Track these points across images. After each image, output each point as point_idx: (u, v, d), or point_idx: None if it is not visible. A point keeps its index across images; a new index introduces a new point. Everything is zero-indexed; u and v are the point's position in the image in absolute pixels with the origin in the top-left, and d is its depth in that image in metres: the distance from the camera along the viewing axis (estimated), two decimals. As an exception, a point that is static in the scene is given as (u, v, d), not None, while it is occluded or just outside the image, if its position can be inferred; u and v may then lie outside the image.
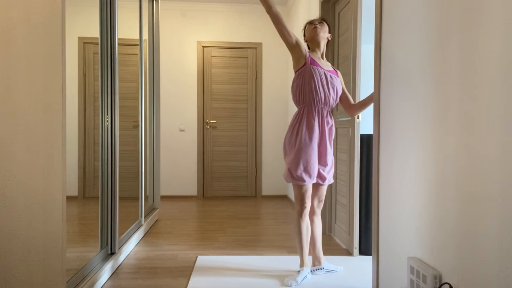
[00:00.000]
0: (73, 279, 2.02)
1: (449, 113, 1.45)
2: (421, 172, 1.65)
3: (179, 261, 2.76)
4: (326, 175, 2.42)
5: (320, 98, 2.32)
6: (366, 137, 2.85)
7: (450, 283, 1.44)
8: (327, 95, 2.34)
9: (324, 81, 2.33)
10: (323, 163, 2.39)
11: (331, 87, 2.35)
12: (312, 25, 2.43)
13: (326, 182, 2.43)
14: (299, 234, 2.39)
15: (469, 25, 1.34)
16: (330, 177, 2.46)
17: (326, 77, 2.34)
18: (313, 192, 2.46)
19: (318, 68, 2.33)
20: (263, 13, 5.29)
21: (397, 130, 1.88)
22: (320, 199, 2.48)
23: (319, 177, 2.40)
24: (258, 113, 5.44)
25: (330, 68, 2.43)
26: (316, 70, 2.32)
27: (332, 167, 2.45)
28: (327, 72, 2.36)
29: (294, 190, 2.40)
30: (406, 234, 1.79)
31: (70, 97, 2.10)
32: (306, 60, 2.33)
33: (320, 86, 2.32)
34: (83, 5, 2.43)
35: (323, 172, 2.40)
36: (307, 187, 2.35)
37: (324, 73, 2.34)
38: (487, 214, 1.25)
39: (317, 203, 2.48)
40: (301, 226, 2.38)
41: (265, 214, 4.39)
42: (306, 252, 2.41)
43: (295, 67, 2.38)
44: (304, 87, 2.33)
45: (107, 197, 2.59)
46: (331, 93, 2.35)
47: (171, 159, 5.33)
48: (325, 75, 2.34)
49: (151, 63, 3.95)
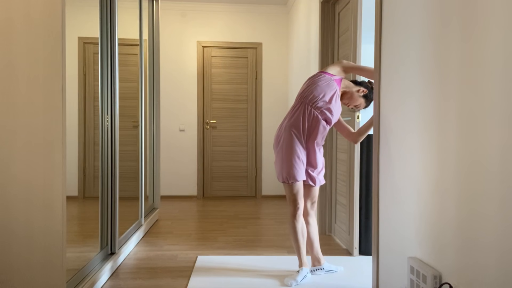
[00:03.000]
0: (73, 279, 2.02)
1: (449, 113, 1.45)
2: (421, 172, 1.65)
3: (179, 261, 2.76)
4: (316, 176, 2.42)
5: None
6: (366, 137, 2.85)
7: (450, 283, 1.44)
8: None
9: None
10: (313, 164, 2.40)
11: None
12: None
13: (317, 183, 2.43)
14: (294, 234, 2.39)
15: (469, 25, 1.34)
16: (321, 178, 2.46)
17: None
18: (305, 194, 2.46)
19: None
20: (263, 13, 5.29)
21: (397, 130, 1.88)
22: (312, 200, 2.49)
23: (309, 178, 2.41)
24: (258, 113, 5.44)
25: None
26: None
27: (323, 168, 2.46)
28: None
29: (285, 191, 2.40)
30: (406, 234, 1.79)
31: (70, 97, 2.10)
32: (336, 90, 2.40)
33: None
34: (83, 5, 2.43)
35: (312, 173, 2.40)
36: (298, 187, 2.35)
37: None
38: (487, 214, 1.25)
39: (310, 205, 2.48)
40: (296, 227, 2.38)
41: (265, 214, 4.39)
42: (303, 252, 2.42)
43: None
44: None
45: (107, 197, 2.59)
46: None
47: (171, 159, 5.33)
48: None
49: (151, 63, 3.95)
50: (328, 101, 2.30)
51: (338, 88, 2.37)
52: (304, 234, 2.41)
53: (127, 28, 3.14)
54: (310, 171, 2.39)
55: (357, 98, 2.46)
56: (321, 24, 3.47)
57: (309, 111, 2.30)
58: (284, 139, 2.33)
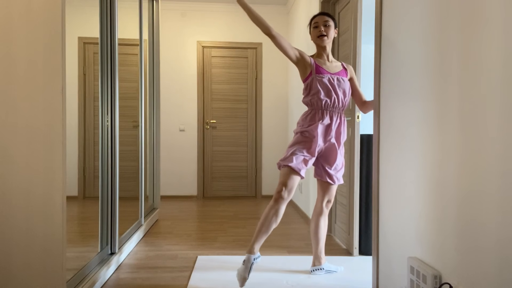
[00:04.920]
0: (73, 279, 2.02)
1: (449, 113, 1.45)
2: (421, 172, 1.65)
3: (179, 261, 2.76)
4: (334, 174, 2.41)
5: (329, 104, 2.33)
6: (366, 137, 2.85)
7: (450, 283, 1.44)
8: (335, 100, 2.33)
9: (331, 88, 2.32)
10: (331, 162, 2.40)
11: (339, 92, 2.34)
12: (317, 29, 2.36)
13: (336, 182, 2.43)
14: (262, 217, 2.26)
15: (468, 25, 1.34)
16: (340, 177, 2.45)
17: (333, 83, 2.33)
18: (322, 191, 2.47)
19: (324, 76, 2.32)
20: (263, 13, 5.28)
21: (397, 130, 1.88)
22: (328, 199, 2.47)
23: (327, 175, 2.41)
24: (258, 113, 5.44)
25: (338, 69, 2.41)
26: (323, 79, 2.31)
27: (342, 167, 2.45)
28: (333, 76, 2.35)
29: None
30: (406, 234, 1.79)
31: (70, 97, 2.10)
32: (312, 69, 2.34)
33: (327, 96, 2.32)
34: (83, 5, 2.43)
35: (329, 170, 2.40)
36: (285, 172, 2.27)
37: (331, 79, 2.33)
38: (487, 214, 1.25)
39: (325, 203, 2.48)
40: (267, 211, 2.25)
41: (265, 214, 4.39)
42: (258, 240, 2.24)
43: (302, 77, 2.39)
44: (313, 97, 2.33)
45: (107, 197, 2.59)
46: (340, 97, 2.34)
47: (171, 159, 5.33)
48: (331, 81, 2.33)
49: (151, 63, 3.95)
50: (304, 87, 2.39)
51: (310, 63, 2.35)
52: (272, 223, 2.24)
53: (127, 28, 3.14)
54: (327, 168, 2.40)
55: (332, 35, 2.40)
56: (321, 24, 3.47)
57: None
58: (298, 134, 2.39)
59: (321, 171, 2.44)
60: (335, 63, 2.44)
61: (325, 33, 2.34)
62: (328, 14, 2.40)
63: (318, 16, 2.39)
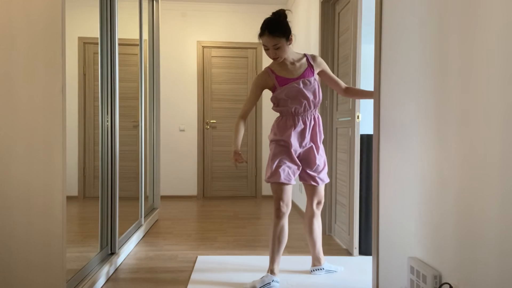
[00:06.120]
0: (73, 279, 2.02)
1: (449, 114, 1.45)
2: (421, 172, 1.65)
3: (179, 261, 2.76)
4: (316, 175, 2.38)
5: (299, 110, 2.31)
6: (366, 137, 2.85)
7: (450, 283, 1.44)
8: (306, 105, 2.30)
9: (297, 94, 2.28)
10: (311, 165, 2.37)
11: (308, 94, 2.29)
12: (269, 51, 2.25)
13: (320, 183, 2.40)
14: (271, 237, 2.33)
15: (468, 24, 1.34)
16: (324, 177, 2.42)
17: (299, 88, 2.27)
18: (310, 194, 2.46)
19: (288, 85, 2.29)
20: (263, 13, 5.28)
21: (397, 130, 1.88)
22: (318, 200, 2.46)
23: (310, 178, 2.39)
24: (258, 113, 5.44)
25: (303, 68, 2.32)
26: (286, 89, 2.28)
27: (324, 167, 2.41)
28: (298, 81, 2.29)
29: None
30: (406, 234, 1.79)
31: (70, 97, 2.10)
32: (274, 83, 2.32)
33: (296, 103, 2.29)
34: (83, 5, 2.44)
35: (311, 173, 2.37)
36: (277, 187, 2.29)
37: (295, 85, 2.28)
38: (488, 214, 1.25)
39: (315, 205, 2.47)
40: (273, 230, 2.31)
41: (265, 214, 4.39)
42: (274, 258, 2.32)
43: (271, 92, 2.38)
44: (282, 108, 2.32)
45: (107, 197, 2.59)
46: (310, 99, 2.30)
47: (171, 159, 5.33)
48: (297, 86, 2.28)
49: (151, 63, 3.95)
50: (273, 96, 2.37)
51: (269, 73, 2.34)
52: (282, 240, 2.31)
53: (127, 28, 3.14)
54: (308, 170, 2.38)
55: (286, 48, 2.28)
56: (321, 24, 3.48)
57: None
58: (273, 144, 2.39)
59: (304, 175, 2.41)
60: (299, 62, 2.34)
61: (277, 56, 2.25)
62: (274, 28, 2.18)
63: (265, 36, 2.21)
